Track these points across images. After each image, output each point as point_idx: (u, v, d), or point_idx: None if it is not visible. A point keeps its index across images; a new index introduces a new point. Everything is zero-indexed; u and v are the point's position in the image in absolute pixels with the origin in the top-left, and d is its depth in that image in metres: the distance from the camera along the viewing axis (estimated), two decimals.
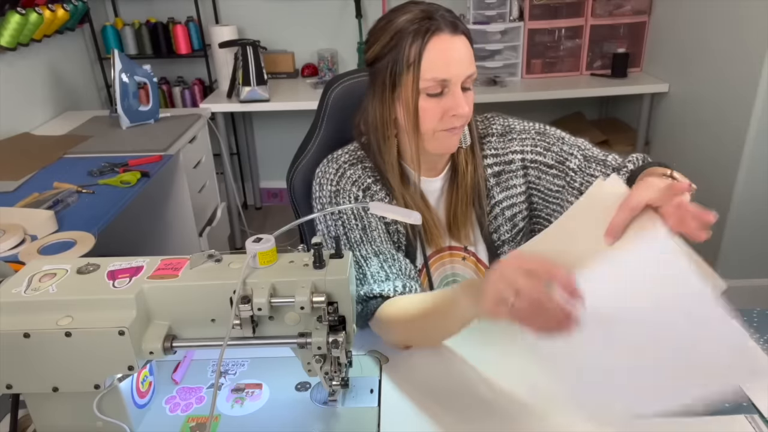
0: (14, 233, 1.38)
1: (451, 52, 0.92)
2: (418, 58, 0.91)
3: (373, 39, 0.97)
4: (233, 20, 3.04)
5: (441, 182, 1.07)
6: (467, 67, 0.93)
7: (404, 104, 0.95)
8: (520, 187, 1.09)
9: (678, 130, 2.59)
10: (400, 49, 0.92)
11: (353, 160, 1.05)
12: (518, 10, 2.81)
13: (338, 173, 1.03)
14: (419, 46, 0.90)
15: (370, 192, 1.03)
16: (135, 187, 1.74)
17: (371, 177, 1.04)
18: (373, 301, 0.93)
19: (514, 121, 1.10)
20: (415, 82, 0.92)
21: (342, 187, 1.02)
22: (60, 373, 0.71)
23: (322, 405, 0.83)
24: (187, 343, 0.74)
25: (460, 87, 0.93)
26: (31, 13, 2.25)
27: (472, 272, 1.11)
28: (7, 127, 2.26)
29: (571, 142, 1.06)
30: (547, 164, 1.05)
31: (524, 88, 2.77)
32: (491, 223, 1.09)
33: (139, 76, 2.29)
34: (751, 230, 2.21)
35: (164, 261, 0.76)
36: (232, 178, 2.91)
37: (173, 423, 0.81)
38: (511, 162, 1.08)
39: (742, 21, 2.08)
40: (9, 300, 0.70)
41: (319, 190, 1.04)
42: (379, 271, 0.95)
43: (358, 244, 0.98)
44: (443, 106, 0.93)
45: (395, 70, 0.93)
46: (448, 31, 0.91)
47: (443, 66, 0.91)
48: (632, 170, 0.97)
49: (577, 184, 1.01)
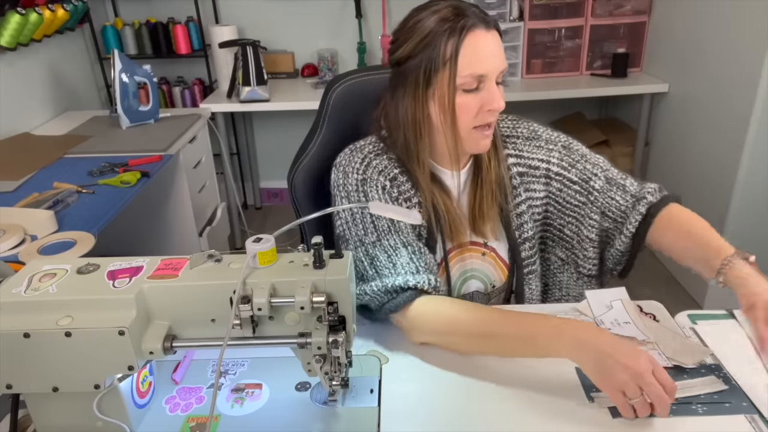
0: (14, 233, 1.38)
1: (486, 48, 0.93)
2: (455, 55, 0.92)
3: (402, 39, 0.97)
4: (233, 20, 3.05)
5: (465, 176, 1.08)
6: (501, 61, 0.95)
7: (439, 101, 0.95)
8: (539, 193, 1.11)
9: (678, 130, 2.59)
10: (435, 47, 0.92)
11: (378, 150, 1.05)
12: (518, 10, 2.81)
13: (364, 162, 1.03)
14: (455, 43, 0.91)
15: (396, 182, 1.03)
16: (135, 187, 1.74)
17: (397, 168, 1.04)
18: (404, 294, 0.92)
19: (539, 128, 1.12)
20: (452, 78, 0.93)
21: (369, 176, 1.02)
22: (60, 373, 0.71)
23: (322, 405, 0.83)
24: (187, 343, 0.74)
25: (494, 82, 0.95)
26: (31, 13, 2.25)
27: (492, 268, 1.11)
28: (7, 127, 2.26)
29: (594, 161, 1.09)
30: (572, 180, 1.09)
31: (524, 88, 2.77)
32: (515, 220, 1.09)
33: (139, 76, 2.29)
34: (751, 230, 2.21)
35: (164, 261, 0.76)
36: (232, 178, 2.91)
37: (173, 423, 0.81)
38: (536, 168, 1.10)
39: (742, 21, 2.08)
40: (9, 300, 0.70)
41: (344, 178, 1.03)
42: (409, 263, 0.94)
43: (386, 234, 0.98)
44: (479, 101, 0.95)
45: (430, 67, 0.94)
46: (483, 27, 0.93)
47: (479, 61, 0.92)
48: (652, 203, 1.05)
49: (599, 204, 1.08)
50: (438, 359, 0.91)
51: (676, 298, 2.43)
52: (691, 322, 0.99)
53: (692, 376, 0.85)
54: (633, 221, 1.04)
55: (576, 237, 1.11)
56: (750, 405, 0.80)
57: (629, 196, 1.06)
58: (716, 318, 0.99)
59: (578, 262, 1.12)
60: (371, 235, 0.98)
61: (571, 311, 1.02)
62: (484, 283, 1.11)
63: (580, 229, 1.10)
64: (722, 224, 2.22)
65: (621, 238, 1.06)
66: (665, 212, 1.03)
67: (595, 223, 1.08)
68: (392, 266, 0.94)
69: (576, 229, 1.10)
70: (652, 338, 0.92)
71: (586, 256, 1.10)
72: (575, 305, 1.03)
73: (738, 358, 0.89)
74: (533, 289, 1.13)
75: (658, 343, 0.91)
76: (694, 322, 0.98)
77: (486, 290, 1.12)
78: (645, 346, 0.91)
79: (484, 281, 1.11)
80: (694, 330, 0.96)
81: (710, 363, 0.88)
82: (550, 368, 0.88)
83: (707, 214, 1.01)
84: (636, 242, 1.06)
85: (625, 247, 1.07)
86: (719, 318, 0.99)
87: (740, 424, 0.77)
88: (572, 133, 1.12)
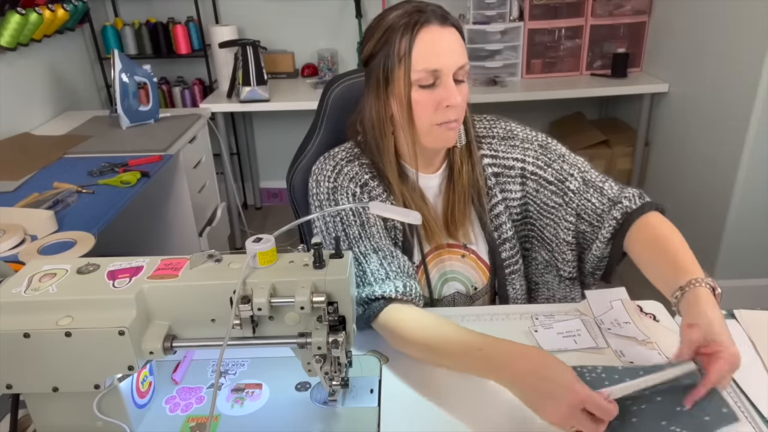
0: (14, 233, 1.38)
1: (441, 43, 0.92)
2: (409, 50, 0.92)
3: (366, 38, 0.98)
4: (233, 20, 3.05)
5: (438, 179, 1.08)
6: (458, 57, 0.93)
7: (398, 98, 0.95)
8: (516, 193, 1.09)
9: (678, 130, 2.59)
10: (392, 44, 0.93)
11: (350, 156, 1.05)
12: (518, 10, 2.81)
13: (335, 170, 1.03)
14: (409, 38, 0.91)
15: (367, 188, 1.03)
16: (135, 187, 1.74)
17: (368, 173, 1.04)
18: (375, 303, 0.92)
19: (517, 127, 1.11)
20: (407, 74, 0.92)
21: (339, 184, 1.02)
22: (60, 373, 0.71)
23: (322, 405, 0.83)
24: (187, 343, 0.74)
25: (452, 78, 0.93)
26: (31, 13, 2.25)
27: (472, 270, 1.11)
28: (7, 127, 2.26)
29: (572, 161, 1.06)
30: (547, 180, 1.06)
31: (524, 88, 2.77)
32: (492, 221, 1.09)
33: (139, 76, 2.29)
34: (751, 230, 2.21)
35: (164, 261, 0.76)
36: (232, 178, 2.91)
37: (173, 423, 0.81)
38: (511, 167, 1.08)
39: (742, 21, 2.08)
40: (9, 300, 0.70)
41: (317, 187, 1.04)
42: (378, 269, 0.94)
43: (356, 241, 0.98)
44: (436, 97, 0.94)
45: (387, 65, 0.94)
46: (438, 23, 0.92)
47: (433, 56, 0.92)
48: (629, 211, 0.99)
49: (574, 205, 1.04)
50: None
51: None
52: None
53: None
54: (608, 226, 1.00)
55: (555, 240, 1.09)
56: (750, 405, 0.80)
57: (606, 200, 1.01)
58: None
59: (558, 265, 1.10)
60: (343, 243, 0.98)
61: (572, 311, 1.02)
62: (464, 285, 1.11)
63: (557, 231, 1.07)
64: (722, 224, 2.22)
65: (597, 243, 1.03)
66: (642, 220, 0.98)
67: (571, 225, 1.05)
68: (363, 274, 0.95)
69: (554, 231, 1.08)
70: (652, 338, 0.92)
71: (565, 259, 1.08)
72: (575, 305, 1.03)
73: None
74: (517, 289, 1.13)
75: (658, 343, 0.91)
76: None
77: (467, 292, 1.11)
78: (644, 346, 0.91)
79: (465, 283, 1.11)
80: None
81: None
82: None
83: (707, 214, 1.00)
84: (614, 248, 1.02)
85: (602, 252, 1.03)
86: None
87: (740, 424, 0.77)
88: (572, 133, 1.11)
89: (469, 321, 1.00)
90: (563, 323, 0.98)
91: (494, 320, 1.01)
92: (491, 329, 0.98)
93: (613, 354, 0.90)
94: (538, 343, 0.93)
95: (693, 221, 2.42)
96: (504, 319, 1.01)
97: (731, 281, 2.30)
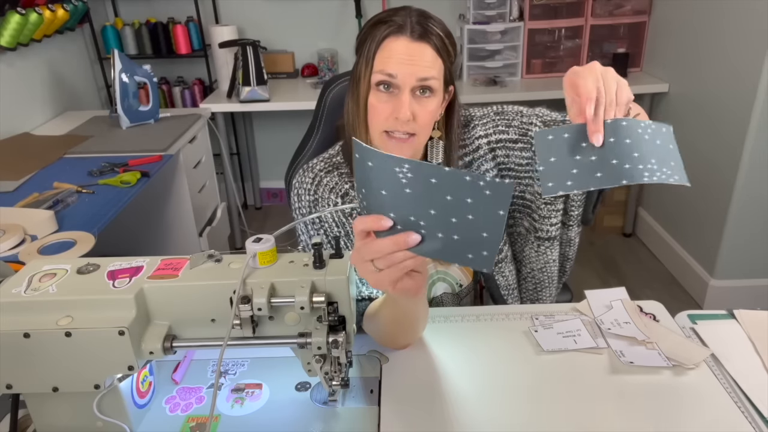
0: (14, 233, 1.38)
1: (405, 52, 0.92)
2: (374, 54, 0.93)
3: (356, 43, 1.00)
4: (233, 20, 3.05)
5: None
6: (421, 70, 0.92)
7: (358, 99, 0.96)
8: (491, 171, 1.09)
9: (678, 130, 2.57)
10: (364, 47, 0.95)
11: (329, 167, 1.05)
12: (518, 10, 2.81)
13: (314, 182, 1.03)
14: (378, 42, 0.93)
15: (348, 198, 1.03)
16: (135, 187, 1.74)
17: (348, 182, 1.04)
18: (362, 303, 0.95)
19: (474, 109, 1.11)
20: (368, 76, 0.94)
21: (320, 195, 1.02)
22: (60, 373, 0.71)
23: (322, 405, 0.83)
24: (187, 343, 0.74)
25: (408, 91, 0.92)
26: (31, 13, 2.25)
27: (455, 268, 1.11)
28: (7, 127, 2.26)
29: (530, 113, 1.07)
30: (512, 140, 1.06)
31: (524, 88, 2.78)
32: None
33: (139, 76, 2.30)
34: (751, 230, 2.21)
35: (164, 261, 0.76)
36: (232, 178, 2.91)
37: (173, 423, 0.81)
38: (478, 148, 1.08)
39: (743, 21, 2.08)
40: (9, 300, 0.70)
41: (298, 201, 1.04)
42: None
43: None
44: (389, 106, 0.94)
45: (359, 67, 0.96)
46: (410, 35, 0.92)
47: (393, 62, 0.92)
48: None
49: None
50: (438, 359, 0.91)
51: (676, 298, 2.43)
52: (691, 322, 0.99)
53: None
54: None
55: (535, 200, 1.09)
56: (750, 405, 0.80)
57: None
58: (716, 318, 0.99)
59: (536, 226, 1.10)
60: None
61: (571, 311, 1.02)
62: (450, 284, 1.11)
63: (535, 187, 1.07)
64: (722, 224, 2.22)
65: None
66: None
67: None
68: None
69: (533, 189, 1.08)
70: (652, 338, 0.92)
71: (542, 215, 1.08)
72: (575, 305, 1.03)
73: (738, 358, 0.89)
74: (507, 275, 1.13)
75: (658, 343, 0.91)
76: (694, 322, 0.98)
77: (454, 291, 1.12)
78: (644, 346, 0.91)
79: (450, 282, 1.11)
80: (694, 330, 0.96)
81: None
82: (551, 368, 0.88)
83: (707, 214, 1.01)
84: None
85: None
86: (719, 318, 0.99)
87: (740, 424, 0.77)
88: None
89: (469, 321, 1.01)
90: (563, 323, 0.98)
91: (494, 320, 1.01)
92: (491, 329, 0.98)
93: (614, 354, 0.91)
94: (538, 343, 0.93)
95: (693, 221, 2.42)
96: (504, 319, 1.01)
97: (731, 281, 2.30)
